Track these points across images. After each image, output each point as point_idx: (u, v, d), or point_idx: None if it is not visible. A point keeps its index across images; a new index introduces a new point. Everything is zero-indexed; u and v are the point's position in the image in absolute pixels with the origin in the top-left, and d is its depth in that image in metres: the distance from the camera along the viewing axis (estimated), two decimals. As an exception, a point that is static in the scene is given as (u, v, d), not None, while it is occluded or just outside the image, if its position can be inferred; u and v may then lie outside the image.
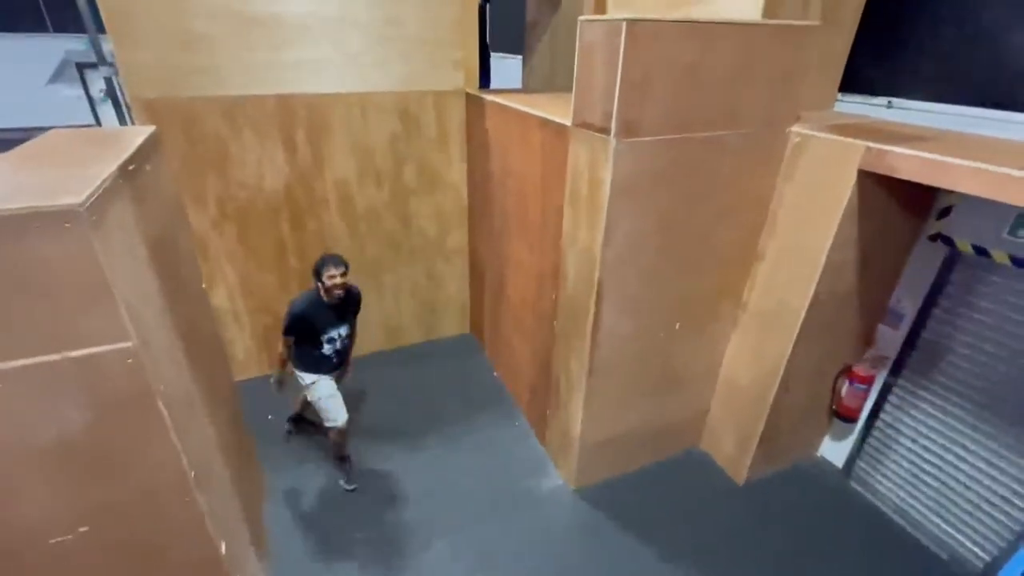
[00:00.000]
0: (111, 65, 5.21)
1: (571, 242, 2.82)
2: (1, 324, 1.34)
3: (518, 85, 5.65)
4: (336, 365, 3.17)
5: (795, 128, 2.66)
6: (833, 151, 2.50)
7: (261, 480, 3.33)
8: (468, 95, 4.03)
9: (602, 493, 3.37)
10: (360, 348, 4.64)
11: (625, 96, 2.20)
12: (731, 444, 3.45)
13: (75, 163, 1.70)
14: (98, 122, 10.23)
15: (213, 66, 3.29)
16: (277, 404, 4.00)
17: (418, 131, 4.05)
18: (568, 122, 2.63)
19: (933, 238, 2.81)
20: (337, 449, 3.33)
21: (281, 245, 3.98)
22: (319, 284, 2.87)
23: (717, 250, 2.89)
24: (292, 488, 3.34)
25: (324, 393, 3.09)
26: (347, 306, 3.05)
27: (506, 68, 6.86)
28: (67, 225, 1.29)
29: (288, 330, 2.92)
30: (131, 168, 1.79)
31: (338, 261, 2.85)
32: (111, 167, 1.59)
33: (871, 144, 2.33)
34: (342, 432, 3.21)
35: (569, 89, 2.57)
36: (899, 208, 2.65)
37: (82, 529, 1.66)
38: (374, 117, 3.85)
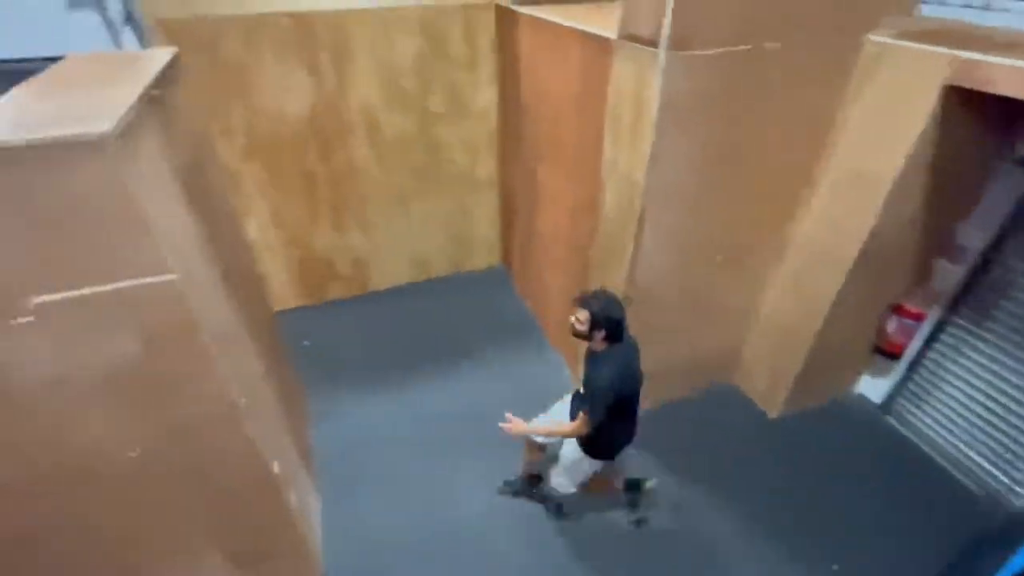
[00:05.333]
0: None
1: (611, 170, 2.65)
2: (46, 256, 1.34)
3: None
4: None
5: (871, 36, 2.35)
6: (916, 63, 2.20)
7: (304, 404, 3.50)
8: (498, 8, 3.70)
9: (632, 423, 3.42)
10: (385, 280, 4.69)
11: (682, 1, 1.94)
12: (765, 379, 3.41)
13: (97, 89, 1.63)
14: (118, 48, 10.01)
15: (227, -20, 3.08)
16: (311, 332, 4.13)
17: (445, 51, 3.78)
18: (612, 35, 2.38)
19: (1022, 162, 2.53)
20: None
21: (310, 176, 3.91)
22: None
23: (768, 177, 2.68)
24: (332, 410, 3.51)
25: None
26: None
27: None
28: (96, 154, 1.24)
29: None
30: (155, 93, 1.71)
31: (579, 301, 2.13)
32: (135, 93, 1.51)
33: (962, 53, 2.04)
34: None
35: (612, -3, 2.31)
36: (985, 128, 2.37)
37: (143, 451, 1.76)
38: (399, 35, 3.60)
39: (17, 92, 1.59)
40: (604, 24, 2.61)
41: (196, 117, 2.34)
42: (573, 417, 2.41)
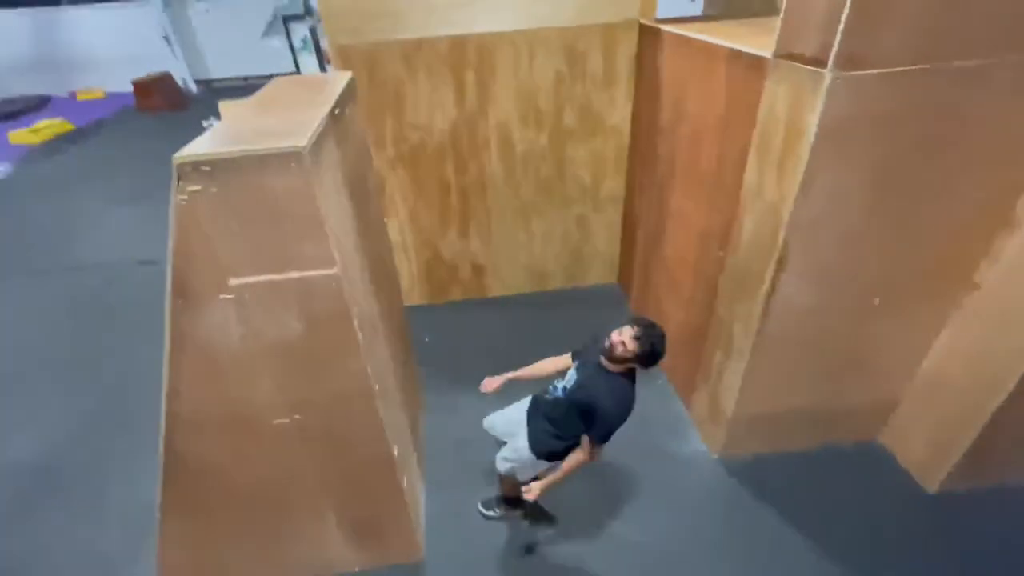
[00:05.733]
0: (315, 15, 5.85)
1: (753, 197, 2.49)
2: (246, 246, 1.62)
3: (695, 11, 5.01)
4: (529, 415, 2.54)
5: (1112, 51, 1.93)
6: None
7: (420, 396, 3.75)
8: (642, 26, 3.68)
9: (749, 467, 3.14)
10: (501, 288, 4.84)
11: (857, 13, 1.77)
12: (923, 446, 2.92)
13: (296, 108, 1.93)
14: (298, 69, 11.74)
15: (396, 10, 3.45)
16: (432, 329, 4.40)
17: (583, 69, 3.84)
18: (767, 54, 2.24)
19: None
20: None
21: (445, 185, 4.21)
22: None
23: (949, 215, 2.32)
24: (443, 406, 3.70)
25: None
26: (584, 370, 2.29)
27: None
28: (294, 164, 1.47)
29: None
30: (336, 112, 1.98)
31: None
32: (323, 112, 1.77)
33: None
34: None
35: (764, 14, 2.18)
36: None
37: (296, 416, 2.03)
38: (540, 56, 3.74)
39: (238, 111, 1.95)
40: (755, 42, 2.47)
41: (360, 130, 2.66)
42: (532, 421, 2.50)
